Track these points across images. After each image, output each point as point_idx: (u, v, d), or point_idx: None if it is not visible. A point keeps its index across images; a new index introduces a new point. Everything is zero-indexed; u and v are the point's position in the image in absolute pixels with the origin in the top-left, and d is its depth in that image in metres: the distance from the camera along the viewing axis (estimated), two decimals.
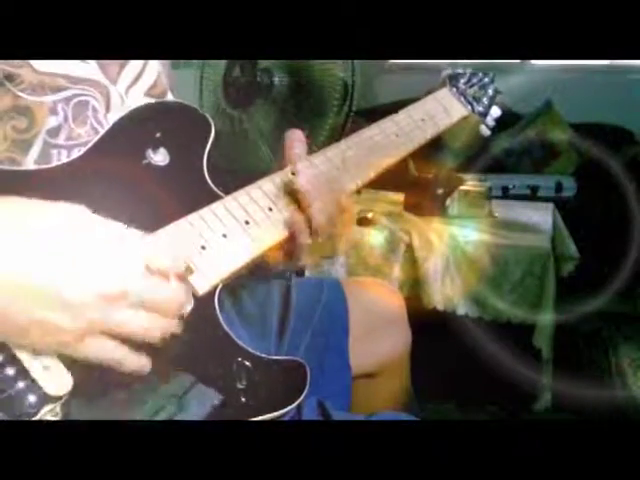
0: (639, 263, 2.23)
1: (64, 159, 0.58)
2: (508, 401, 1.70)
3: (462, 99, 0.84)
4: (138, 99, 0.66)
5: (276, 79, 1.64)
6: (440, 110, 0.80)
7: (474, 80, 0.88)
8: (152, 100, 0.67)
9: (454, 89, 0.84)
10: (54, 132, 0.58)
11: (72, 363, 0.46)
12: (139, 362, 0.47)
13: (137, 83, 0.66)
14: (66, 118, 0.59)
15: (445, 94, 0.83)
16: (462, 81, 0.86)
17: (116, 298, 0.44)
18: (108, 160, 0.54)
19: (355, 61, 1.55)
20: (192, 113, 0.60)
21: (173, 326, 0.48)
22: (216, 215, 0.55)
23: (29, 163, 0.56)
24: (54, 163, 0.58)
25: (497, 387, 1.62)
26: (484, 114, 0.89)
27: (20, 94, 0.55)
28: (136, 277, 0.46)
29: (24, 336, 0.43)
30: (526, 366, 1.62)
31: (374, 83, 3.23)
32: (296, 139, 0.65)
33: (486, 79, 0.90)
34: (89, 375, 0.46)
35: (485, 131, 0.89)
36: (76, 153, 0.59)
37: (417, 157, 0.79)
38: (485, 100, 0.88)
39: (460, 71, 0.88)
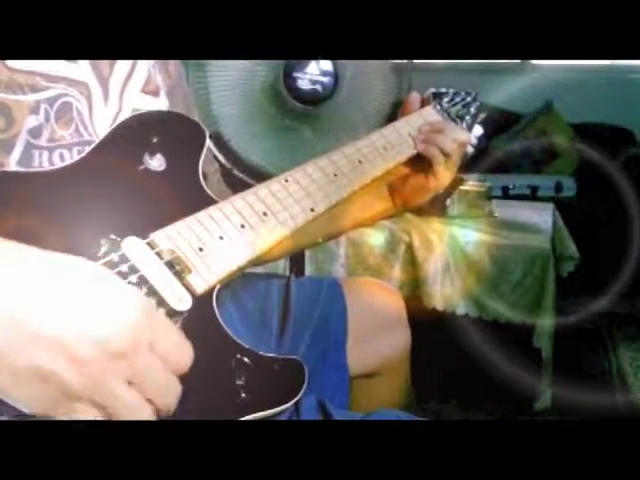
0: (639, 263, 2.23)
1: (45, 161, 0.58)
2: (508, 401, 1.69)
3: (446, 117, 0.85)
4: (134, 97, 0.66)
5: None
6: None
7: (457, 99, 0.89)
8: (148, 97, 0.68)
9: (438, 107, 0.85)
10: (36, 132, 0.57)
11: None
12: None
13: (130, 80, 0.66)
14: (48, 118, 0.58)
15: (430, 111, 0.84)
16: (445, 99, 0.87)
17: (120, 356, 0.39)
18: (106, 164, 0.55)
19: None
20: (187, 121, 0.62)
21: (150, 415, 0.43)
22: (212, 218, 0.56)
23: (12, 164, 0.56)
24: (35, 165, 0.58)
25: (497, 387, 1.62)
26: None
27: None
28: (143, 351, 0.40)
29: (17, 382, 0.37)
30: (526, 366, 1.63)
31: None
32: (414, 100, 0.83)
33: (469, 98, 0.91)
34: None
35: (468, 149, 0.90)
36: (57, 156, 0.59)
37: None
38: (468, 118, 0.89)
39: (443, 90, 0.89)
